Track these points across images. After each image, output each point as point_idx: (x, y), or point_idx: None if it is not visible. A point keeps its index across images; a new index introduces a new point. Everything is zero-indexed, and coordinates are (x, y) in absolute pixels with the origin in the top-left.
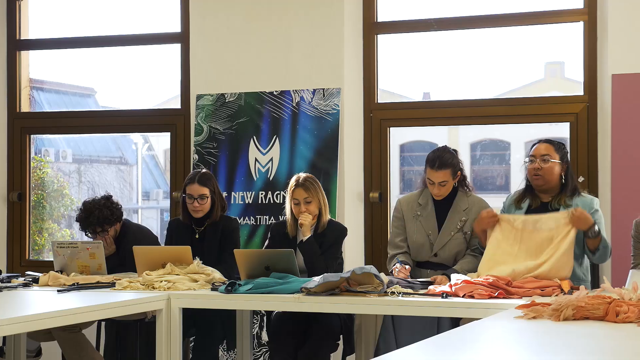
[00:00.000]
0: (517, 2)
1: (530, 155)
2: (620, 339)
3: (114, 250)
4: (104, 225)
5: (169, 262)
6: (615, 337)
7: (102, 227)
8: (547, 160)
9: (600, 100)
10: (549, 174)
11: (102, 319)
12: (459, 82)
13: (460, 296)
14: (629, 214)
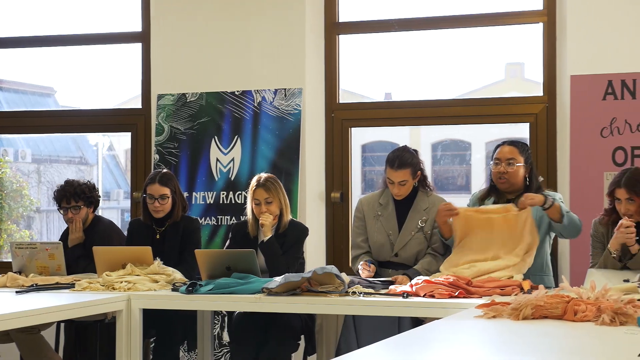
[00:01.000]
0: (478, 3)
1: (495, 158)
2: (578, 337)
3: (81, 238)
4: (78, 200)
5: (129, 263)
6: (573, 336)
7: (76, 201)
8: (512, 164)
9: (559, 101)
10: (514, 177)
11: (61, 320)
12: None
13: (421, 296)
14: (588, 214)
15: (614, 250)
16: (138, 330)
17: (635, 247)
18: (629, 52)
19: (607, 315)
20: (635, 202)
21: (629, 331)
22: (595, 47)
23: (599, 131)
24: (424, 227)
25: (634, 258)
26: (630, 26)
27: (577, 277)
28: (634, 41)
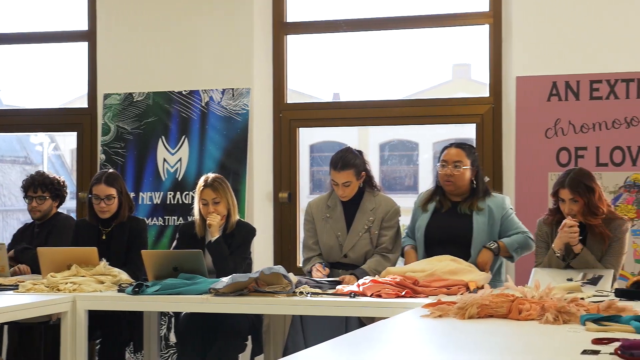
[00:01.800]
0: (425, 4)
1: (442, 160)
2: (522, 335)
3: None
4: (45, 191)
5: (74, 264)
6: (518, 334)
7: (42, 191)
8: (458, 167)
9: (505, 102)
10: (461, 180)
11: (4, 322)
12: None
13: (368, 295)
14: (533, 214)
15: (558, 249)
16: (83, 331)
17: (579, 247)
18: (573, 54)
19: (550, 314)
20: (579, 203)
21: (572, 329)
22: (540, 49)
23: (544, 132)
24: (372, 227)
25: (577, 257)
26: (574, 29)
27: (522, 277)
28: (578, 43)
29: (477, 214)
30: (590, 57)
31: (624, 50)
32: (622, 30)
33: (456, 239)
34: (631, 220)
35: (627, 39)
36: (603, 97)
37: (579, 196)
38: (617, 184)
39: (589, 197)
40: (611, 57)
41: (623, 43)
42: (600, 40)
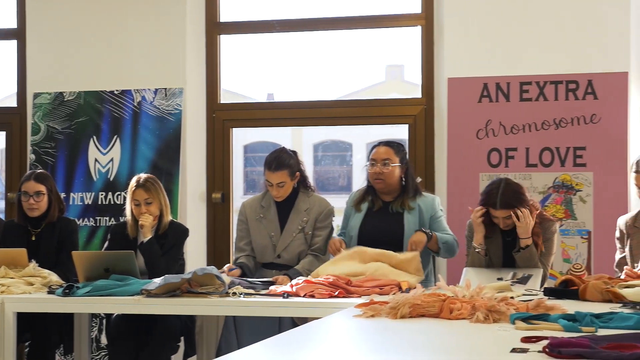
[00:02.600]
0: (358, 6)
1: (371, 159)
2: (453, 334)
3: None
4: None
5: (3, 265)
6: (449, 333)
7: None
8: (387, 164)
9: (437, 103)
10: (390, 177)
11: None
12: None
13: (301, 296)
14: (463, 214)
15: (478, 244)
16: (12, 334)
17: (529, 241)
18: (503, 56)
19: (481, 313)
20: (512, 217)
21: (502, 328)
22: (471, 50)
23: (475, 133)
24: (305, 227)
25: (523, 251)
26: (504, 31)
27: (453, 277)
28: (508, 45)
29: (408, 213)
30: (520, 59)
31: (553, 52)
32: (551, 33)
33: (389, 238)
34: (560, 221)
35: (556, 42)
36: (533, 98)
37: (511, 210)
38: (546, 185)
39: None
40: (540, 60)
41: (552, 45)
42: (529, 42)
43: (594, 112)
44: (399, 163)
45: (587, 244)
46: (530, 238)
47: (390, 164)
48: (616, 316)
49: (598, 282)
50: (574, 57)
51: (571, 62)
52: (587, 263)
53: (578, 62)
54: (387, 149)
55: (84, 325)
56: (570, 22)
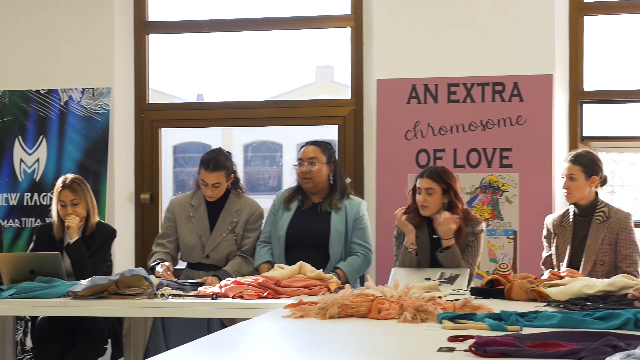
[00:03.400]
0: (289, 6)
1: (299, 159)
2: (381, 334)
3: None
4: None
5: None
6: (377, 333)
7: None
8: (314, 163)
9: (366, 104)
10: (317, 176)
11: None
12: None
13: (230, 297)
14: (392, 215)
15: (410, 244)
16: None
17: (451, 241)
18: (431, 57)
19: (409, 313)
20: (434, 195)
21: (429, 328)
22: (400, 52)
23: (404, 134)
24: (235, 228)
25: (446, 252)
26: (432, 33)
27: (382, 277)
28: (436, 47)
29: (336, 213)
30: (448, 61)
31: (480, 54)
32: (478, 36)
33: (316, 239)
34: (486, 221)
35: (483, 44)
36: (460, 100)
37: (436, 184)
38: (473, 185)
39: (448, 190)
40: (468, 62)
41: (479, 48)
42: (457, 44)
43: (519, 114)
44: (326, 162)
45: (513, 244)
46: (452, 239)
47: (317, 163)
48: (540, 315)
49: (523, 281)
50: (501, 59)
51: (498, 64)
52: (513, 263)
53: (504, 65)
54: (314, 148)
55: (8, 328)
56: (497, 25)
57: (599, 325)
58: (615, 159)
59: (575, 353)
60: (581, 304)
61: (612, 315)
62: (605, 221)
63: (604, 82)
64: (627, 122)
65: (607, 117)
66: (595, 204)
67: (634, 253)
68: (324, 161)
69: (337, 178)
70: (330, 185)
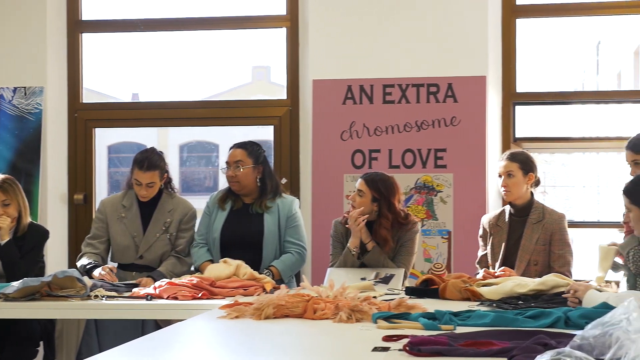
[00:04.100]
0: (225, 6)
1: (226, 162)
2: (316, 335)
3: None
4: None
5: None
6: (312, 334)
7: None
8: (239, 166)
9: (302, 105)
10: (244, 179)
11: None
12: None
13: (165, 298)
14: (329, 214)
15: (354, 247)
16: None
17: (371, 244)
18: (367, 58)
19: (344, 313)
20: (363, 198)
21: (364, 327)
22: (335, 53)
23: (339, 134)
24: (169, 228)
25: (368, 254)
26: (368, 34)
27: (318, 277)
28: (372, 49)
29: (267, 214)
30: (383, 62)
31: (415, 56)
32: (413, 37)
33: (250, 240)
34: (421, 221)
35: (418, 46)
36: (395, 101)
37: (367, 188)
38: (408, 186)
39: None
40: (403, 63)
41: (414, 49)
42: (392, 46)
43: (454, 115)
44: (253, 164)
45: (448, 244)
46: (372, 242)
47: (242, 166)
48: (474, 314)
49: (457, 281)
50: (435, 60)
51: (432, 66)
52: (447, 262)
53: (439, 66)
54: (240, 151)
55: None
56: (432, 27)
57: (531, 323)
58: (547, 159)
59: (507, 351)
60: (513, 303)
61: (544, 314)
62: (540, 222)
63: (536, 84)
64: (559, 123)
65: (539, 118)
66: (530, 204)
67: (566, 253)
68: (250, 164)
69: (267, 179)
70: (258, 187)
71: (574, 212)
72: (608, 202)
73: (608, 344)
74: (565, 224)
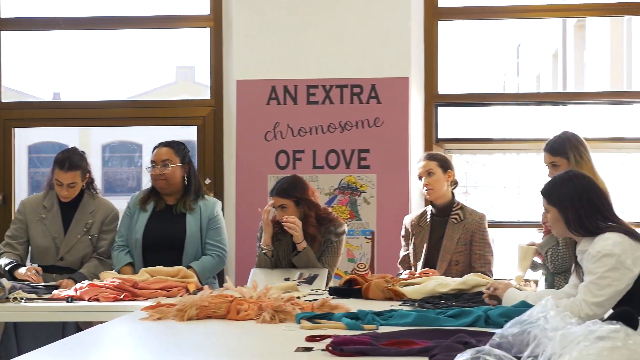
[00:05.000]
0: (149, 5)
1: (152, 161)
2: (239, 335)
3: None
4: None
5: None
6: (235, 334)
7: None
8: (167, 165)
9: (226, 105)
10: (171, 178)
11: None
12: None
13: (86, 300)
14: (253, 215)
15: (265, 245)
16: None
17: (303, 244)
18: (291, 59)
19: (267, 313)
20: (288, 210)
21: (288, 328)
22: (259, 53)
23: (263, 135)
24: (90, 229)
25: (300, 255)
26: (292, 35)
27: (241, 277)
28: (296, 49)
29: (190, 214)
30: (308, 63)
31: (339, 57)
32: (338, 38)
33: (172, 241)
34: (345, 221)
35: (342, 47)
36: (319, 101)
37: (285, 199)
38: (332, 186)
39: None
40: (327, 64)
41: (338, 50)
42: (317, 46)
43: (377, 116)
44: (180, 163)
45: (371, 244)
46: (304, 242)
47: (170, 165)
48: (396, 314)
49: (380, 281)
50: (359, 62)
51: (356, 67)
52: (370, 262)
53: (362, 67)
54: (167, 149)
55: None
56: (355, 28)
57: (452, 322)
58: (469, 160)
59: (428, 350)
60: (435, 302)
61: (464, 313)
62: (461, 222)
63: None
64: (480, 124)
65: (461, 119)
66: (451, 204)
67: (487, 253)
68: (177, 162)
69: (192, 179)
70: (184, 186)
71: (495, 212)
72: (528, 203)
73: (526, 341)
74: (486, 224)
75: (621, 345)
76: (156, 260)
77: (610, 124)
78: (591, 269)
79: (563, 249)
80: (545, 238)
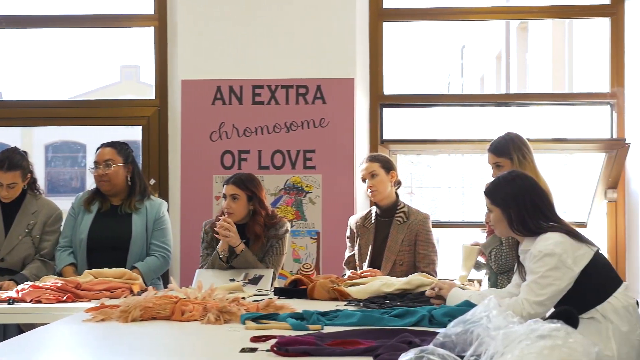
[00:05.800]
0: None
1: (95, 162)
2: (184, 336)
3: None
4: None
5: None
6: (180, 335)
7: None
8: (109, 165)
9: (170, 105)
10: (114, 178)
11: None
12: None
13: (28, 301)
14: (198, 215)
15: (222, 251)
16: None
17: (240, 247)
18: (236, 59)
19: (212, 314)
20: (239, 202)
21: (232, 328)
22: (205, 53)
23: (209, 135)
24: (32, 230)
25: (238, 257)
26: (238, 35)
27: (187, 278)
28: (241, 49)
29: (136, 215)
30: (253, 63)
31: (285, 57)
32: (283, 38)
33: (117, 242)
34: (290, 222)
35: (288, 47)
36: (265, 102)
37: (240, 190)
38: (277, 187)
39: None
40: (272, 64)
41: (284, 50)
42: (262, 47)
43: (322, 116)
44: (123, 163)
45: (317, 244)
46: (241, 244)
47: (112, 165)
48: (341, 314)
49: (325, 281)
50: (304, 62)
51: (301, 68)
52: (316, 263)
53: (308, 68)
54: (109, 149)
55: None
56: (301, 29)
57: (396, 322)
58: (414, 161)
59: (373, 350)
60: (380, 302)
61: (409, 313)
62: (405, 222)
63: (404, 87)
64: (425, 125)
65: (406, 120)
66: (395, 205)
67: (431, 253)
68: (120, 162)
69: (136, 179)
70: (128, 186)
71: (440, 212)
72: (472, 203)
73: (469, 340)
74: (430, 225)
75: (562, 343)
76: (101, 261)
77: (553, 125)
78: (533, 268)
79: (506, 249)
80: (488, 238)
